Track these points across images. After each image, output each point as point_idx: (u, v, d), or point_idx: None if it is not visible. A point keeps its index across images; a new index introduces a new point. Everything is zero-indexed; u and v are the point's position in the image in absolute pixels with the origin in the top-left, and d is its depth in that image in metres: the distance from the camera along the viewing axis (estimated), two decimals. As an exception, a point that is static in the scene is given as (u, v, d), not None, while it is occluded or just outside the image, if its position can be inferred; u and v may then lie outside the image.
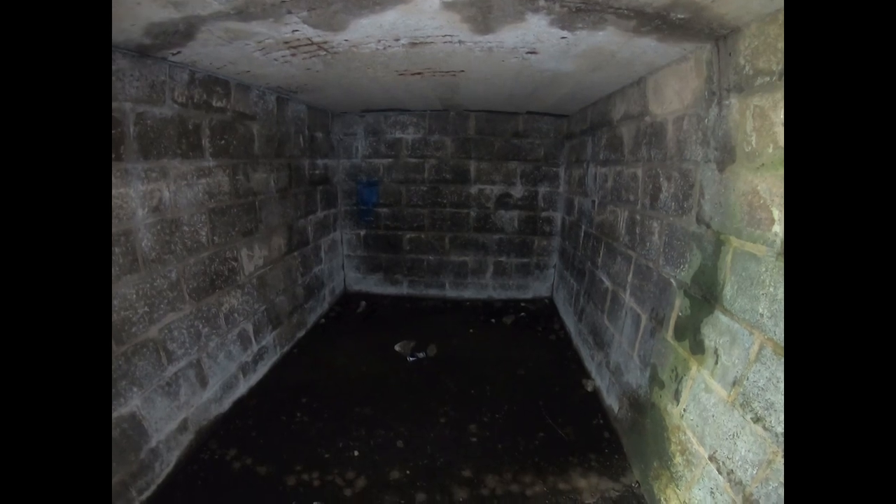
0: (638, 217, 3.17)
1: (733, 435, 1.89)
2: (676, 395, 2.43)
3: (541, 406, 3.80)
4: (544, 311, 6.05)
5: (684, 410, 2.34)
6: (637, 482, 2.93)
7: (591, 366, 4.22)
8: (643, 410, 2.90)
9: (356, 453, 3.21)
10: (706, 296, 2.17)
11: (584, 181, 4.69)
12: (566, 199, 5.66)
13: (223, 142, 3.38)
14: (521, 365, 4.52)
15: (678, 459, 2.38)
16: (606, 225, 3.91)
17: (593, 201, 4.34)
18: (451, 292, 6.49)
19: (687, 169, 2.42)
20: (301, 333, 5.07)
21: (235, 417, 3.56)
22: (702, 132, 2.25)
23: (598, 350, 3.96)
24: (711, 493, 2.06)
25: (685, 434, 2.32)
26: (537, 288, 6.40)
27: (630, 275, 3.28)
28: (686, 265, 2.41)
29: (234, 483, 2.92)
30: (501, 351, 4.86)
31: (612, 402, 3.56)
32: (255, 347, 4.00)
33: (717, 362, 2.04)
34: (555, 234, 6.07)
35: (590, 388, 4.02)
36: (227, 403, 3.57)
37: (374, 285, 6.58)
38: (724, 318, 2.00)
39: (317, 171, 5.33)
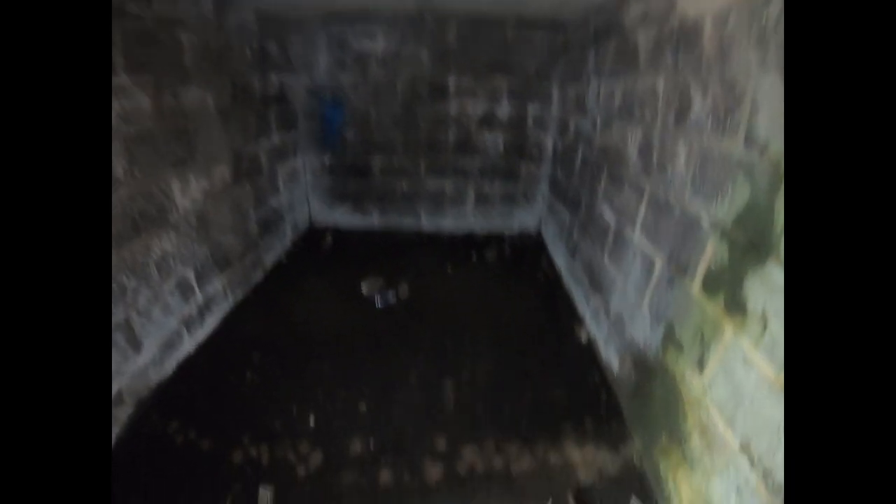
0: (656, 139, 2.60)
1: (777, 428, 1.45)
2: (700, 363, 1.97)
3: (528, 360, 3.39)
4: (531, 246, 5.58)
5: (710, 383, 1.89)
6: (639, 455, 2.54)
7: (585, 310, 3.80)
8: (651, 374, 2.47)
9: (312, 422, 2.79)
10: (755, 242, 1.65)
11: (584, 99, 4.07)
12: (559, 120, 5.04)
13: (142, 55, 2.74)
14: (506, 310, 4.08)
15: (696, 441, 1.96)
16: (611, 149, 3.34)
17: (595, 121, 3.75)
18: (427, 224, 5.99)
19: (732, 78, 1.84)
20: (258, 276, 4.56)
21: (180, 381, 3.14)
22: (757, 31, 1.66)
23: (595, 293, 3.52)
24: (738, 490, 1.65)
25: (708, 412, 1.89)
26: (523, 220, 5.91)
27: (642, 209, 2.75)
28: (726, 200, 1.87)
29: (176, 461, 2.53)
30: (483, 293, 4.41)
31: (610, 357, 3.14)
32: (199, 297, 3.50)
33: (764, 330, 1.56)
34: (544, 160, 5.50)
35: (584, 339, 3.61)
36: (170, 366, 3.16)
37: (341, 217, 6.03)
38: (779, 274, 1.51)
39: (270, 89, 4.64)
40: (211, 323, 3.69)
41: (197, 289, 3.47)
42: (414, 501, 2.33)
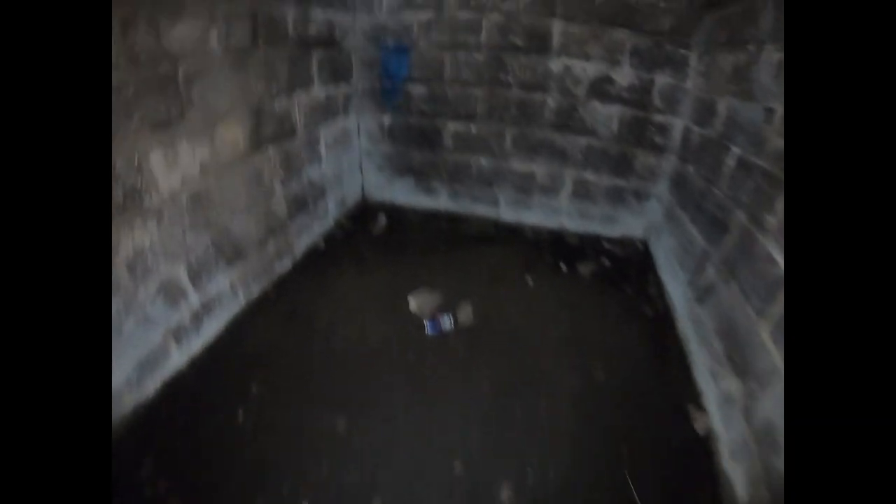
0: None
1: None
2: None
3: (619, 446, 2.32)
4: (636, 261, 4.30)
5: None
6: None
7: (708, 388, 2.63)
8: None
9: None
10: None
11: (749, 75, 2.73)
12: (699, 100, 3.62)
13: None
14: (599, 357, 2.94)
15: None
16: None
17: (771, 110, 2.48)
18: (507, 213, 4.83)
19: None
20: (283, 267, 3.70)
21: (166, 404, 2.46)
22: None
23: (733, 374, 2.33)
24: None
25: None
26: (629, 224, 4.61)
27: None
28: None
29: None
30: (572, 325, 3.26)
31: (737, 473, 2.05)
32: (194, 300, 2.72)
33: None
34: (669, 151, 4.13)
35: (701, 430, 2.45)
36: (152, 386, 2.48)
37: (401, 194, 5.00)
38: None
39: (312, 29, 3.61)
40: (212, 329, 2.93)
41: (191, 290, 2.69)
42: None
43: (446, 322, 3.11)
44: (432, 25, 4.07)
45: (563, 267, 4.05)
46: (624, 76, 3.92)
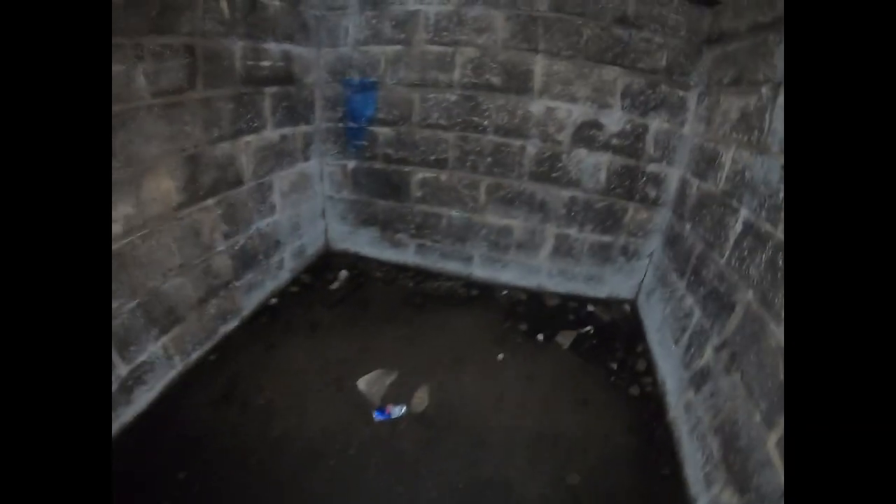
0: None
1: None
2: None
3: None
4: (623, 328, 3.83)
5: None
6: None
7: (699, 490, 2.20)
8: None
9: None
10: None
11: (763, 122, 2.28)
12: (699, 148, 3.20)
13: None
14: (576, 456, 2.52)
15: None
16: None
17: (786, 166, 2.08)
18: (480, 270, 4.34)
19: None
20: (229, 327, 3.31)
21: None
22: None
23: (727, 479, 1.93)
24: None
25: None
26: (616, 284, 4.13)
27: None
28: None
29: None
30: (545, 413, 2.82)
31: None
32: (122, 371, 2.42)
33: None
34: (663, 205, 3.69)
35: None
36: None
37: (366, 245, 4.55)
38: None
39: (264, 63, 3.22)
40: (143, 401, 2.59)
41: (118, 360, 2.39)
42: None
43: (396, 410, 2.68)
44: (401, 60, 3.69)
45: (540, 337, 3.58)
46: (614, 120, 3.51)
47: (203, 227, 2.89)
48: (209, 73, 2.71)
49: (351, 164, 4.18)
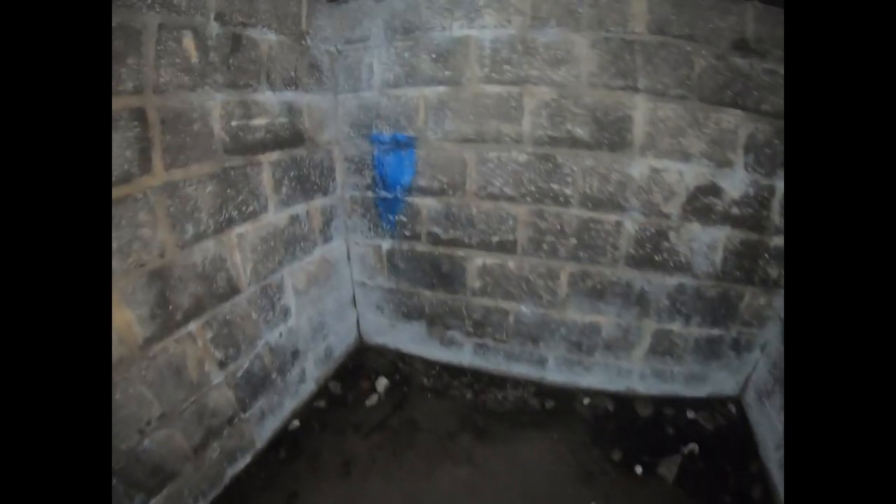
0: None
1: None
2: None
3: None
4: (731, 438, 2.85)
5: None
6: None
7: None
8: None
9: None
10: None
11: None
12: None
13: None
14: None
15: None
16: None
17: None
18: (556, 374, 3.31)
19: None
20: (239, 465, 2.53)
21: None
22: None
23: None
24: None
25: None
26: (720, 381, 3.10)
27: None
28: None
29: None
30: None
31: None
32: None
33: None
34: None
35: None
36: None
37: (410, 341, 3.58)
38: None
39: (257, 122, 2.34)
40: None
41: None
42: None
43: None
44: (446, 107, 2.75)
45: (639, 470, 2.62)
46: (735, 183, 2.51)
47: (187, 360, 2.09)
48: (173, 147, 1.89)
49: (386, 245, 3.25)
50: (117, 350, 1.74)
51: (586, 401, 3.19)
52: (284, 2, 2.45)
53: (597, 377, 3.23)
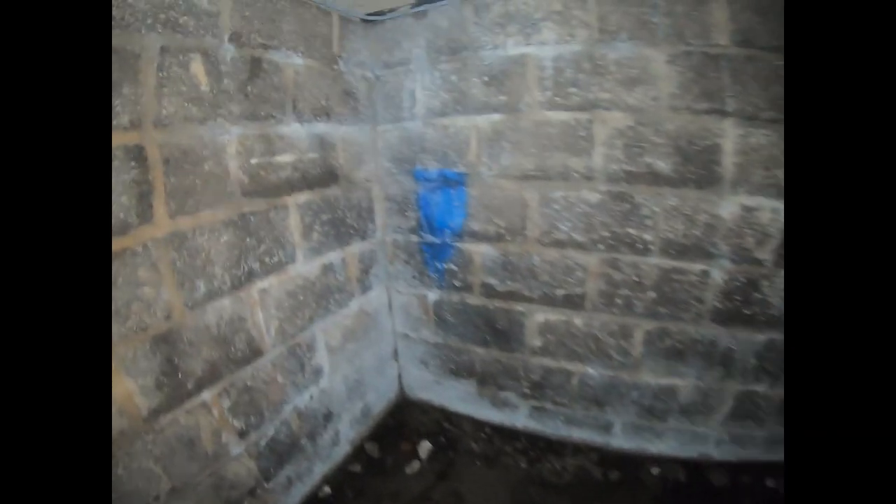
0: None
1: None
2: None
3: None
4: None
5: None
6: None
7: None
8: None
9: None
10: None
11: None
12: None
13: None
14: None
15: None
16: None
17: None
18: (622, 440, 2.86)
19: None
20: None
21: None
22: None
23: None
24: None
25: None
26: None
27: None
28: None
29: None
30: None
31: None
32: None
33: None
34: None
35: None
36: None
37: (457, 400, 3.19)
38: None
39: (282, 159, 2.10)
40: None
41: None
42: None
43: None
44: (502, 137, 2.41)
45: None
46: None
47: (200, 431, 1.83)
48: (179, 190, 1.66)
49: (433, 296, 2.91)
50: (118, 423, 1.53)
51: (655, 470, 2.71)
52: (312, 21, 2.18)
53: (668, 444, 2.78)
